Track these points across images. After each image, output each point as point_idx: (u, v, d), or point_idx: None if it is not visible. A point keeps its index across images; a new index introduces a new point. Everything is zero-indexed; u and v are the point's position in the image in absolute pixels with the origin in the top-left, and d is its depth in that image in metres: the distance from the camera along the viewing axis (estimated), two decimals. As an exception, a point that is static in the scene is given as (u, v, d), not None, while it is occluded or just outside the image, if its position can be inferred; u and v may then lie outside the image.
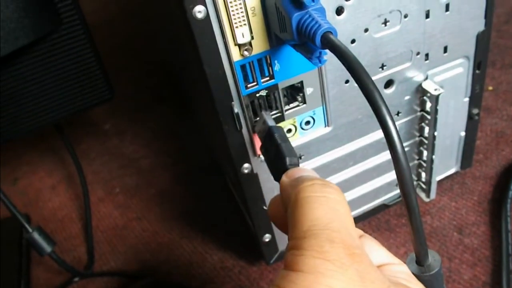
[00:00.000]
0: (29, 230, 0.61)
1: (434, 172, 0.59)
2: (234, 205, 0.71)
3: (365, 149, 0.54)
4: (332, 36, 0.32)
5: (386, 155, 0.57)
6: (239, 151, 0.47)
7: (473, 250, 0.59)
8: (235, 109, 0.43)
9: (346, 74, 0.46)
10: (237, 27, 0.39)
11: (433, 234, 0.62)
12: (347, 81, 0.47)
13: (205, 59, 0.40)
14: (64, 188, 0.87)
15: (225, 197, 0.74)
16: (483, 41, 0.52)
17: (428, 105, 0.53)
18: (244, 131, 0.46)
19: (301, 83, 0.45)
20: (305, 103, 0.47)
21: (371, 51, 0.46)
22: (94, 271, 0.71)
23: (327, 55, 0.35)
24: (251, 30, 0.39)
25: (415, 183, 0.62)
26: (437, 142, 0.56)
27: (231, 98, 0.43)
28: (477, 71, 0.55)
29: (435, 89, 0.51)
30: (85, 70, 0.63)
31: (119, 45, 1.23)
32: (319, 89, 0.46)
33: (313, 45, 0.34)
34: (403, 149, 0.28)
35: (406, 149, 0.47)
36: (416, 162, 0.60)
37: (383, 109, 0.28)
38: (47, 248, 0.62)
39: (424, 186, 0.61)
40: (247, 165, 0.48)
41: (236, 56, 0.40)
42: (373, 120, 0.52)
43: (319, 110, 0.48)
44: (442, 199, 0.66)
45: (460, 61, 0.53)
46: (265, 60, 0.42)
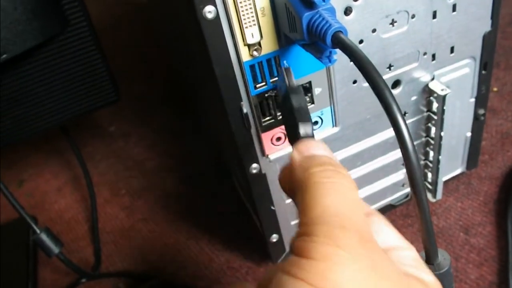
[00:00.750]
0: (37, 231, 0.62)
1: (440, 172, 0.59)
2: (241, 206, 0.71)
3: (372, 150, 0.55)
4: (342, 35, 0.32)
5: (393, 156, 0.57)
6: (247, 151, 0.47)
7: (479, 250, 0.60)
8: (244, 109, 0.43)
9: (354, 74, 0.47)
10: (246, 27, 0.39)
11: (440, 234, 0.62)
12: (355, 81, 0.47)
13: (215, 59, 0.40)
14: (70, 190, 0.88)
15: (231, 197, 0.74)
16: (489, 42, 0.53)
17: (434, 106, 0.53)
18: (252, 131, 0.46)
19: (309, 83, 0.45)
20: (313, 103, 0.47)
21: (378, 51, 0.47)
22: (100, 272, 0.71)
23: (337, 54, 0.36)
24: (260, 30, 0.40)
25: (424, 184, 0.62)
26: (444, 142, 0.56)
27: (240, 98, 0.43)
28: (483, 72, 0.55)
29: (442, 90, 0.51)
30: (91, 71, 0.63)
31: (124, 47, 1.23)
32: (327, 89, 0.47)
33: (323, 44, 0.34)
34: (414, 147, 0.28)
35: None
36: (422, 162, 0.60)
37: (394, 107, 0.28)
38: (55, 249, 0.63)
39: (430, 186, 0.62)
40: (255, 165, 0.49)
41: (245, 56, 0.41)
42: (381, 120, 0.52)
43: (327, 110, 0.48)
44: (448, 199, 0.66)
45: (466, 61, 0.53)
46: (274, 60, 0.42)
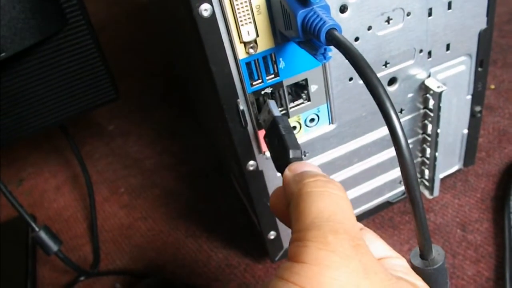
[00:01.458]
0: (36, 229, 0.62)
1: (437, 169, 0.59)
2: (238, 203, 0.71)
3: (369, 147, 0.55)
4: (337, 32, 0.33)
5: (389, 153, 0.57)
6: (244, 149, 0.48)
7: (477, 246, 0.60)
8: (241, 107, 0.44)
9: (350, 71, 0.47)
10: (242, 25, 0.39)
11: (437, 231, 0.62)
12: (351, 79, 0.48)
13: (211, 57, 0.40)
14: (69, 188, 0.88)
15: (229, 195, 0.75)
16: (485, 39, 0.53)
17: (431, 103, 0.54)
18: (249, 128, 0.46)
19: (305, 80, 0.46)
20: (309, 100, 0.47)
21: (374, 49, 0.47)
22: (99, 270, 0.71)
23: (331, 51, 0.36)
24: (256, 28, 0.40)
25: (418, 180, 0.62)
26: (440, 139, 0.56)
27: (236, 95, 0.43)
28: (480, 69, 0.55)
29: (438, 87, 0.52)
30: (90, 70, 0.63)
31: (123, 46, 1.24)
32: (324, 86, 0.47)
33: (318, 41, 0.34)
34: (407, 144, 0.28)
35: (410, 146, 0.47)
36: (419, 159, 0.61)
37: (387, 104, 0.28)
38: (54, 247, 0.63)
39: (427, 183, 0.62)
40: (252, 162, 0.49)
41: (241, 54, 0.41)
42: (377, 117, 0.52)
43: (324, 107, 0.49)
44: (445, 196, 0.66)
45: (462, 58, 0.53)
46: (270, 57, 0.42)
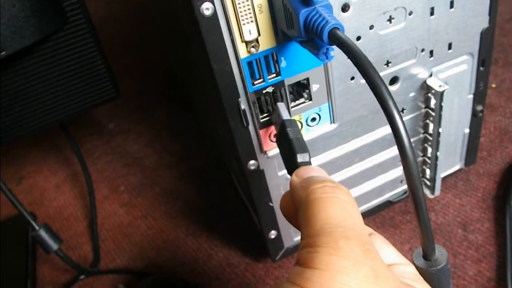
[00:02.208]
0: (36, 227, 0.62)
1: (438, 169, 0.59)
2: (239, 202, 0.71)
3: (370, 146, 0.55)
4: (339, 32, 0.32)
5: (391, 152, 0.57)
6: (245, 148, 0.47)
7: (478, 246, 0.60)
8: (242, 106, 0.43)
9: (351, 70, 0.47)
10: (244, 24, 0.39)
11: (438, 230, 0.62)
12: (352, 78, 0.47)
13: (213, 56, 0.40)
14: (68, 187, 0.88)
15: (230, 194, 0.75)
16: (487, 38, 0.53)
17: (432, 102, 0.53)
18: (250, 127, 0.46)
19: (307, 80, 0.45)
20: (311, 99, 0.47)
21: (376, 48, 0.47)
22: (100, 268, 0.71)
23: (334, 51, 0.36)
24: (258, 27, 0.40)
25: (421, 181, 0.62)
26: (442, 139, 0.56)
27: (238, 94, 0.43)
28: (481, 68, 0.55)
29: (440, 86, 0.51)
30: (90, 68, 0.63)
31: (123, 44, 1.24)
32: (325, 85, 0.47)
33: (320, 41, 0.34)
34: (411, 144, 0.28)
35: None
36: (420, 159, 0.60)
37: (391, 104, 0.28)
38: (54, 245, 0.63)
39: (428, 183, 0.62)
40: (253, 162, 0.49)
41: (243, 53, 0.41)
42: (378, 116, 0.52)
43: (325, 106, 0.48)
44: (446, 195, 0.66)
45: (464, 58, 0.53)
46: (272, 57, 0.42)
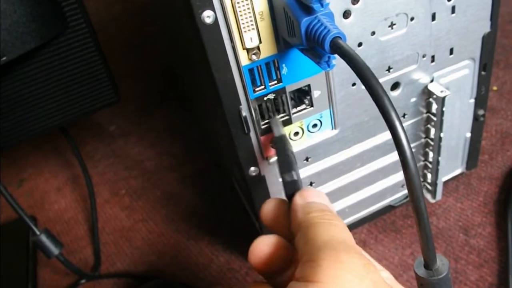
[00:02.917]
0: (37, 232, 0.61)
1: (440, 173, 0.59)
2: (240, 207, 0.71)
3: (371, 151, 0.55)
4: (341, 41, 0.32)
5: (392, 157, 0.57)
6: (246, 154, 0.47)
7: (479, 251, 0.60)
8: (243, 113, 0.43)
9: (353, 76, 0.47)
10: (245, 31, 0.39)
11: (439, 235, 0.62)
12: (353, 84, 0.47)
13: (214, 63, 0.40)
14: (69, 190, 0.88)
15: (231, 198, 0.74)
16: (488, 43, 0.52)
17: (434, 107, 0.53)
18: (251, 134, 0.46)
19: (308, 86, 0.45)
20: (312, 106, 0.47)
21: (377, 54, 0.46)
22: (100, 273, 0.71)
23: (335, 59, 0.36)
24: (259, 34, 0.39)
25: (423, 190, 0.62)
26: (443, 143, 0.56)
27: (239, 101, 0.43)
28: (483, 73, 0.55)
29: (441, 91, 0.51)
30: (91, 73, 0.63)
31: (123, 45, 1.23)
32: (326, 92, 0.47)
33: (322, 50, 0.34)
34: (412, 154, 0.28)
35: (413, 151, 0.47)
36: (422, 163, 0.60)
37: (393, 115, 0.28)
38: (55, 250, 0.63)
39: (430, 187, 0.62)
40: (254, 168, 0.49)
41: (244, 60, 0.41)
42: (380, 122, 0.52)
43: (326, 112, 0.48)
44: (447, 200, 0.66)
45: (466, 62, 0.53)
46: (273, 64, 0.42)
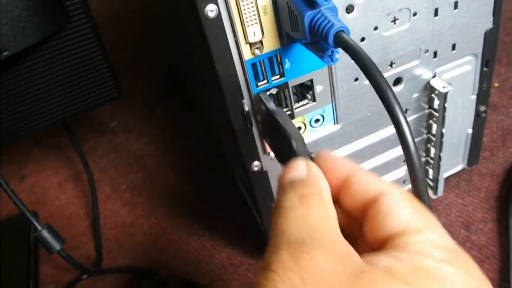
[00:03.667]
0: (39, 228, 0.61)
1: (441, 169, 0.59)
2: (242, 202, 0.71)
3: (373, 146, 0.55)
4: (345, 35, 0.32)
5: (394, 153, 0.57)
6: (249, 149, 0.47)
7: (481, 247, 0.60)
8: (246, 107, 0.43)
9: (355, 71, 0.47)
10: (248, 25, 0.39)
11: (441, 231, 0.62)
12: (356, 79, 0.47)
13: (217, 58, 0.40)
14: (71, 185, 0.88)
15: (233, 194, 0.74)
16: (491, 39, 0.52)
17: (436, 103, 0.53)
18: (254, 129, 0.46)
19: (311, 81, 0.45)
20: (314, 101, 0.47)
21: (380, 49, 0.46)
22: (102, 268, 0.71)
23: (339, 53, 0.36)
24: (262, 28, 0.39)
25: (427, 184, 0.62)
26: (445, 139, 0.56)
27: (241, 96, 0.43)
28: (485, 69, 0.55)
29: (444, 87, 0.51)
30: (93, 68, 0.63)
31: (125, 41, 1.23)
32: (329, 87, 0.47)
33: (325, 44, 0.34)
34: (417, 148, 0.28)
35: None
36: (423, 159, 0.60)
37: (397, 109, 0.28)
38: (57, 246, 0.62)
39: (431, 183, 0.62)
40: (257, 163, 0.49)
41: (247, 54, 0.41)
42: (382, 117, 0.52)
43: (329, 107, 0.48)
44: (449, 196, 0.66)
45: (468, 58, 0.53)
46: (276, 58, 0.42)
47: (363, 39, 0.45)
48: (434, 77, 0.52)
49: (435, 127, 0.56)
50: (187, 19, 0.46)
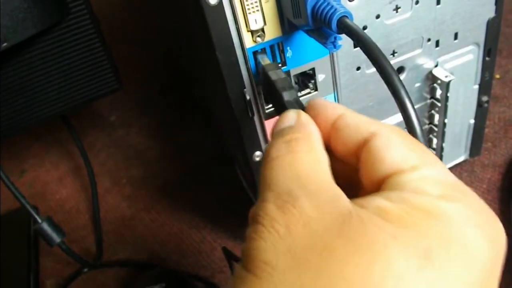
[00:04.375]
0: (39, 220, 0.61)
1: (443, 159, 0.59)
2: (243, 194, 0.71)
3: (375, 137, 0.54)
4: (348, 20, 0.32)
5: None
6: (250, 139, 0.47)
7: (483, 237, 0.59)
8: (247, 96, 0.43)
9: (357, 60, 0.46)
10: (250, 13, 0.39)
11: (443, 222, 0.62)
12: (358, 68, 0.47)
13: (218, 46, 0.39)
14: (70, 180, 0.87)
15: (234, 186, 0.74)
16: (493, 28, 0.52)
17: (438, 92, 0.53)
18: (255, 118, 0.45)
19: (313, 70, 0.45)
20: (316, 90, 0.47)
21: (382, 38, 0.46)
22: (103, 261, 0.71)
23: (342, 40, 0.35)
24: (264, 16, 0.39)
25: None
26: (447, 129, 0.56)
27: (243, 85, 0.43)
28: (487, 58, 0.55)
29: (446, 76, 0.51)
30: (92, 60, 0.63)
31: (124, 35, 1.23)
32: (331, 76, 0.46)
33: (328, 30, 0.34)
34: (423, 132, 0.28)
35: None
36: (425, 150, 0.60)
37: (403, 92, 0.28)
38: (57, 238, 0.62)
39: (433, 174, 0.61)
40: (258, 153, 0.48)
41: (248, 42, 0.40)
42: (383, 107, 0.52)
43: (331, 97, 0.48)
44: (451, 187, 0.66)
45: (470, 47, 0.53)
46: (278, 46, 0.42)
47: (365, 28, 0.44)
48: (436, 66, 0.52)
49: (437, 117, 0.55)
50: (188, 6, 0.46)
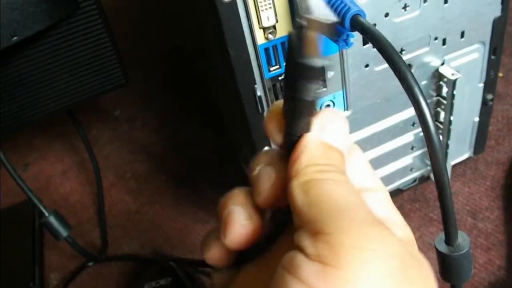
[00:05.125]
0: (46, 214, 0.61)
1: (449, 157, 0.59)
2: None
3: (382, 134, 0.55)
4: (361, 18, 0.33)
5: (402, 140, 0.57)
6: (260, 135, 0.47)
7: (487, 234, 0.60)
8: (258, 92, 0.43)
9: (366, 58, 0.47)
10: (262, 10, 0.39)
11: (447, 218, 0.62)
12: (367, 65, 0.47)
13: (230, 42, 0.40)
14: (75, 173, 0.88)
15: (238, 180, 0.74)
16: (499, 27, 0.53)
17: (444, 90, 0.53)
18: (265, 114, 0.46)
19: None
20: (325, 87, 0.47)
21: (391, 35, 0.46)
22: (107, 255, 0.71)
23: (354, 37, 0.36)
24: (276, 13, 0.40)
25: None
26: (452, 127, 0.56)
27: (254, 81, 0.43)
28: (493, 57, 0.55)
29: (452, 74, 0.52)
30: (100, 54, 0.63)
31: (129, 30, 1.23)
32: (340, 73, 0.47)
33: (341, 27, 0.34)
34: (436, 129, 0.28)
35: (421, 134, 0.47)
36: (430, 147, 0.60)
37: (416, 89, 0.28)
38: (64, 232, 0.62)
39: (438, 171, 0.62)
40: (267, 149, 0.49)
41: (260, 39, 0.41)
42: (391, 104, 0.52)
43: (339, 94, 0.48)
44: (455, 184, 0.66)
45: (476, 46, 0.53)
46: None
47: (374, 25, 0.45)
48: (442, 64, 0.52)
49: (443, 114, 0.56)
50: (199, 3, 0.46)
